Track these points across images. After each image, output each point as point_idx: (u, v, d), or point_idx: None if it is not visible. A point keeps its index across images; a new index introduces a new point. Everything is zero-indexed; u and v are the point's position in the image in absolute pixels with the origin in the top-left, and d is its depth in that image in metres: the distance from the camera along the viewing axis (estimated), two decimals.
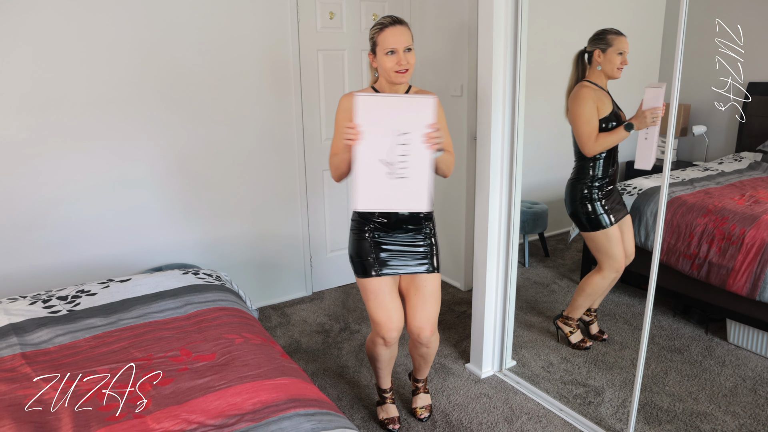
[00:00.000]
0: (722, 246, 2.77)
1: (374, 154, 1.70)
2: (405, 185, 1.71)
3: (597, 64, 2.49)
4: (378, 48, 1.92)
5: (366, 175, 1.70)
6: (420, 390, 2.45)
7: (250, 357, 1.58)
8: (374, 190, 1.71)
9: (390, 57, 1.89)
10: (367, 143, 1.69)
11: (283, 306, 3.51)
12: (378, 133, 1.69)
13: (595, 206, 2.61)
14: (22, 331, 1.72)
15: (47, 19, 2.57)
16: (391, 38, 1.88)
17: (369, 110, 1.68)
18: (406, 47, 1.89)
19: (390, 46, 1.88)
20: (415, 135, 1.69)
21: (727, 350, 2.82)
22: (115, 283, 2.09)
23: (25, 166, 2.65)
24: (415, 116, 1.69)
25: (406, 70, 1.91)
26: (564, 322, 2.89)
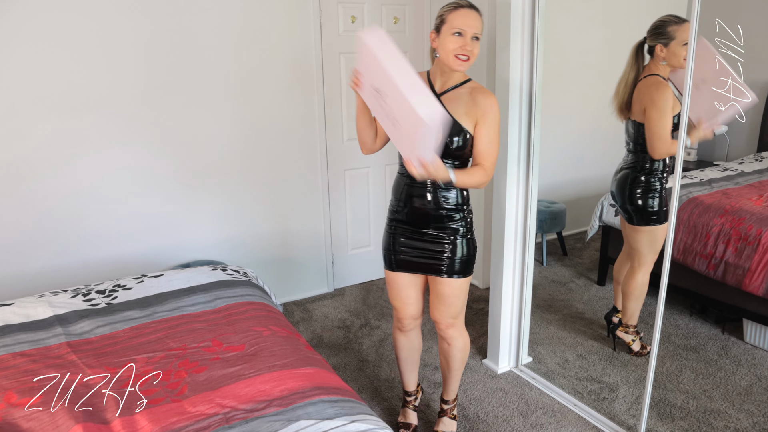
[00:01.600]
0: (738, 246, 2.80)
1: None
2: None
3: (660, 59, 2.38)
4: (445, 26, 1.80)
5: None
6: (446, 413, 2.35)
7: (277, 348, 1.69)
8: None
9: (455, 38, 1.78)
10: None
11: (305, 302, 3.62)
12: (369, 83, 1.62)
13: (660, 199, 2.53)
14: (66, 322, 1.85)
15: (71, 23, 2.70)
16: (463, 18, 1.78)
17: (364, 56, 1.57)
18: (475, 33, 1.80)
19: (459, 26, 1.77)
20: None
21: (744, 350, 2.84)
22: (148, 278, 2.22)
23: (64, 167, 2.79)
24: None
25: (468, 57, 1.80)
26: (625, 332, 2.84)
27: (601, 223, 3.34)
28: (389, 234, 2.08)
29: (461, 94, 1.91)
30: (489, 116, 1.88)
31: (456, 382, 2.30)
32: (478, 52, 1.84)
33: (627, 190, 2.64)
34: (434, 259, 2.01)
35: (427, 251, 2.01)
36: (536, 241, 4.00)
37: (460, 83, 1.93)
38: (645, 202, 2.61)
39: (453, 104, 1.89)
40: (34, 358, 1.62)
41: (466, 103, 1.89)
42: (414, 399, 2.42)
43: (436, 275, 2.03)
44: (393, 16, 3.56)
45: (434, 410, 2.52)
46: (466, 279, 2.04)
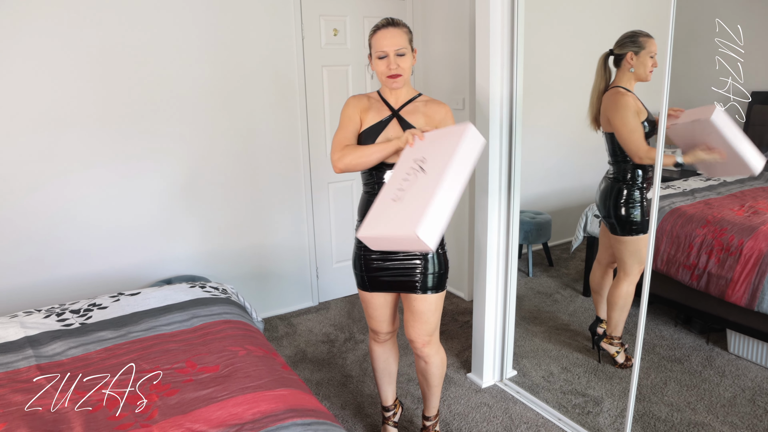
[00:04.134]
0: (721, 257, 2.80)
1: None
2: (402, 208, 1.60)
3: (629, 66, 2.44)
4: (372, 51, 1.89)
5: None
6: (428, 430, 2.33)
7: (252, 368, 1.66)
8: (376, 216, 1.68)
9: (381, 61, 1.85)
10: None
11: (289, 316, 3.59)
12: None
13: (641, 210, 2.56)
14: (38, 344, 1.81)
15: (58, 41, 2.68)
16: (383, 41, 1.83)
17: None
18: (398, 50, 1.84)
19: (381, 48, 1.83)
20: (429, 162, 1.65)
21: (728, 360, 2.84)
22: (125, 297, 2.18)
23: (39, 182, 2.75)
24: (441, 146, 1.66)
25: (398, 75, 1.86)
26: (609, 343, 2.83)
27: (585, 233, 3.35)
28: (359, 255, 2.06)
29: (417, 107, 1.99)
30: (447, 123, 1.97)
31: (436, 398, 2.28)
32: (408, 65, 1.89)
33: (610, 200, 2.66)
34: (407, 277, 1.99)
35: (400, 270, 2.00)
36: (522, 252, 4.00)
37: (413, 98, 2.00)
38: (627, 212, 2.62)
39: (412, 117, 1.96)
40: (1, 383, 1.59)
41: (424, 114, 1.96)
42: (393, 414, 2.39)
43: (410, 292, 2.02)
44: None
45: (417, 426, 2.49)
46: (440, 294, 2.03)
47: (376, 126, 1.97)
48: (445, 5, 3.47)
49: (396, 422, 2.41)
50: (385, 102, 2.00)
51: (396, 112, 1.98)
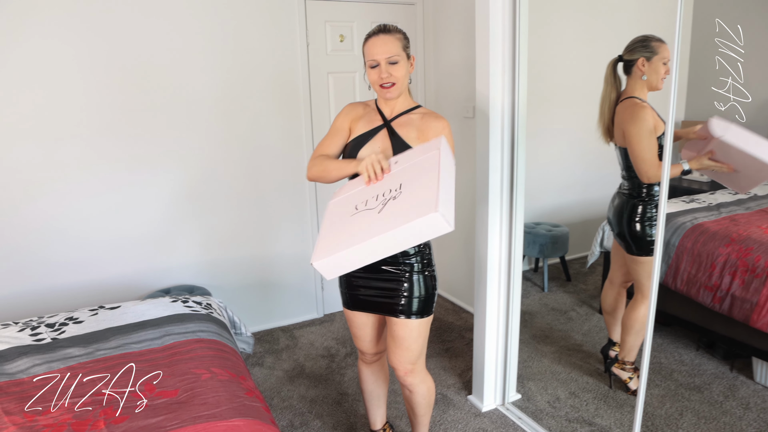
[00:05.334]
0: (746, 278, 2.58)
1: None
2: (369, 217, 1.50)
3: (641, 73, 2.26)
4: (365, 59, 1.77)
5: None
6: None
7: (211, 395, 1.57)
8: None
9: (373, 70, 1.75)
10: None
11: (292, 328, 3.51)
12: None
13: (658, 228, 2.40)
14: (3, 360, 1.77)
15: (58, 49, 2.67)
16: (373, 48, 1.73)
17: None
18: (390, 58, 1.72)
19: (372, 57, 1.73)
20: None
21: (753, 391, 2.62)
22: (104, 311, 2.13)
23: (38, 190, 2.75)
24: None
25: (392, 84, 1.76)
26: (621, 368, 2.65)
27: (602, 249, 3.15)
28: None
29: (412, 119, 1.85)
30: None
31: (424, 427, 2.15)
32: (402, 73, 1.77)
33: (624, 217, 2.49)
34: (390, 299, 1.87)
35: (383, 290, 1.88)
36: (538, 266, 3.82)
37: (410, 109, 1.87)
38: (643, 230, 2.44)
39: (404, 129, 1.83)
40: None
41: (418, 128, 1.82)
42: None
43: (392, 316, 1.89)
44: None
45: None
46: (425, 320, 1.89)
47: (364, 135, 1.86)
48: (457, 11, 3.34)
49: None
50: (379, 111, 1.89)
51: (387, 122, 1.86)
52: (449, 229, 1.41)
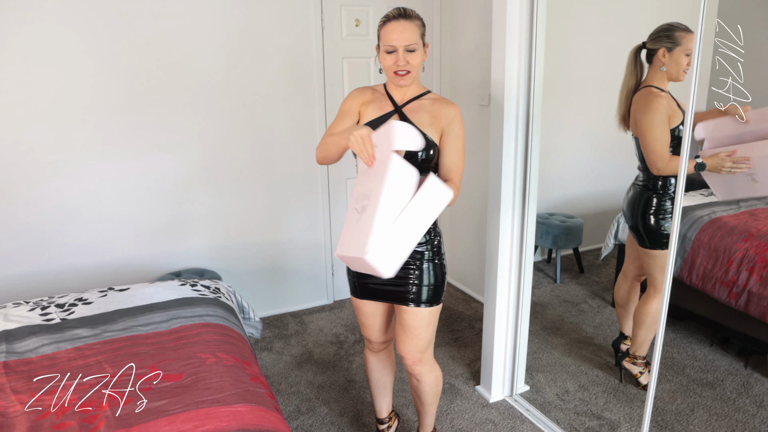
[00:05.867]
0: (764, 275, 2.52)
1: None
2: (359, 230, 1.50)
3: (661, 64, 2.20)
4: (380, 43, 1.73)
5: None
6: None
7: (215, 379, 1.57)
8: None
9: (388, 56, 1.71)
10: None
11: (302, 314, 3.51)
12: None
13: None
14: (13, 339, 1.79)
15: (69, 31, 2.67)
16: (392, 34, 1.68)
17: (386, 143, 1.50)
18: (408, 46, 1.69)
19: (389, 42, 1.68)
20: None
21: (767, 388, 2.57)
22: (113, 292, 2.15)
23: (51, 172, 2.77)
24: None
25: (407, 72, 1.73)
26: (632, 362, 2.62)
27: (616, 241, 3.10)
28: None
29: (423, 104, 1.82)
30: (455, 127, 1.79)
31: (431, 417, 2.14)
32: (418, 62, 1.73)
33: (638, 210, 2.44)
34: (400, 287, 1.85)
35: (393, 278, 1.85)
36: (551, 257, 3.78)
37: (421, 94, 1.84)
38: (657, 223, 2.39)
39: (416, 115, 1.80)
40: None
41: (430, 113, 1.79)
42: (387, 427, 2.27)
43: (402, 304, 1.87)
44: None
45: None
46: (434, 308, 1.87)
47: (375, 121, 1.83)
48: None
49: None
50: (389, 97, 1.86)
51: (399, 108, 1.83)
52: (385, 275, 1.46)
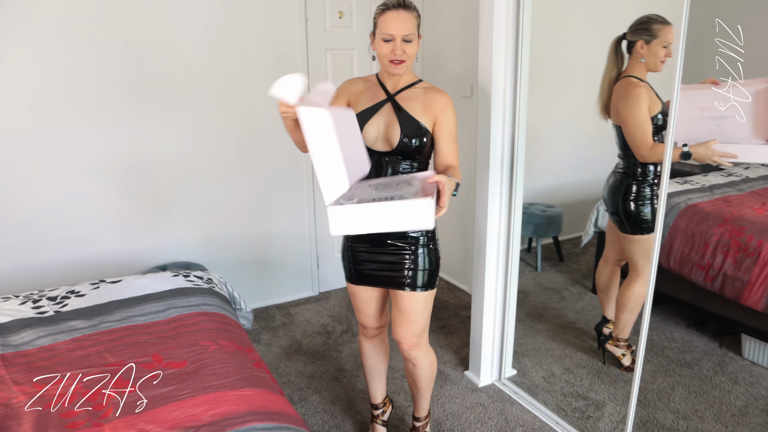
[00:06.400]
0: (738, 257, 2.64)
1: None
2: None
3: (639, 56, 2.28)
4: (377, 31, 1.76)
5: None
6: (418, 431, 2.26)
7: (219, 365, 1.58)
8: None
9: (386, 44, 1.74)
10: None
11: (288, 306, 3.52)
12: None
13: (652, 207, 2.44)
14: (7, 332, 1.76)
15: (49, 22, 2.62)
16: (391, 23, 1.71)
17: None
18: (406, 36, 1.73)
19: (388, 31, 1.72)
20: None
21: (741, 366, 2.68)
22: (105, 284, 2.13)
23: (35, 166, 2.71)
24: None
25: (402, 61, 1.76)
26: (615, 345, 2.71)
27: (596, 229, 3.19)
28: (348, 246, 1.97)
29: (416, 93, 1.87)
30: (448, 114, 1.85)
31: (426, 400, 2.18)
32: (414, 51, 1.78)
33: (618, 196, 2.52)
34: (396, 272, 1.89)
35: (388, 264, 1.89)
36: (531, 246, 3.86)
37: (413, 83, 1.89)
38: (637, 209, 2.47)
39: (410, 103, 1.84)
40: None
41: (423, 102, 1.84)
42: (382, 413, 2.31)
43: (398, 289, 1.91)
44: None
45: (408, 425, 2.40)
46: (430, 293, 1.91)
47: (368, 110, 1.86)
48: None
49: (385, 421, 2.33)
50: (382, 86, 1.89)
51: (391, 96, 1.86)
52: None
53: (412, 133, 1.81)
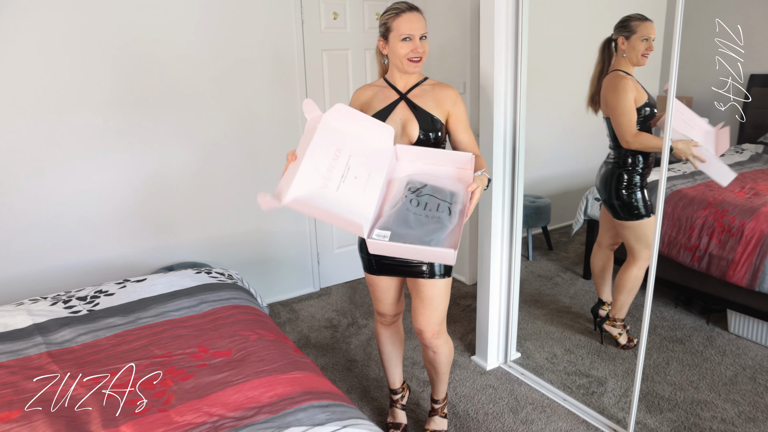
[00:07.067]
0: (722, 238, 2.82)
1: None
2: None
3: (621, 51, 2.48)
4: (392, 34, 1.87)
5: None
6: (436, 412, 2.34)
7: (264, 353, 1.65)
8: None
9: (405, 43, 1.85)
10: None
11: (291, 302, 3.59)
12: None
13: (641, 194, 2.60)
14: (46, 331, 1.80)
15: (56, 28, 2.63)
16: (408, 24, 1.84)
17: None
18: (422, 34, 1.87)
19: (406, 32, 1.84)
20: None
21: (728, 340, 2.87)
22: (131, 283, 2.17)
23: (39, 169, 2.72)
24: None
25: (420, 58, 1.89)
26: (612, 325, 2.86)
27: (586, 217, 3.36)
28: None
29: (425, 90, 1.99)
30: (459, 107, 1.98)
31: (444, 383, 2.29)
32: (428, 49, 1.91)
33: (611, 185, 2.67)
34: (414, 262, 1.98)
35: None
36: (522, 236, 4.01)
37: (421, 81, 2.01)
38: (629, 197, 2.63)
39: (422, 100, 1.96)
40: (13, 370, 1.57)
41: (433, 98, 1.97)
42: (401, 398, 2.41)
43: (419, 278, 2.01)
44: (375, 12, 3.53)
45: (424, 409, 2.51)
46: (447, 280, 2.02)
47: (383, 111, 1.96)
48: None
49: (404, 405, 2.43)
50: (392, 86, 1.99)
51: (404, 95, 1.97)
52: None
53: (429, 127, 1.92)
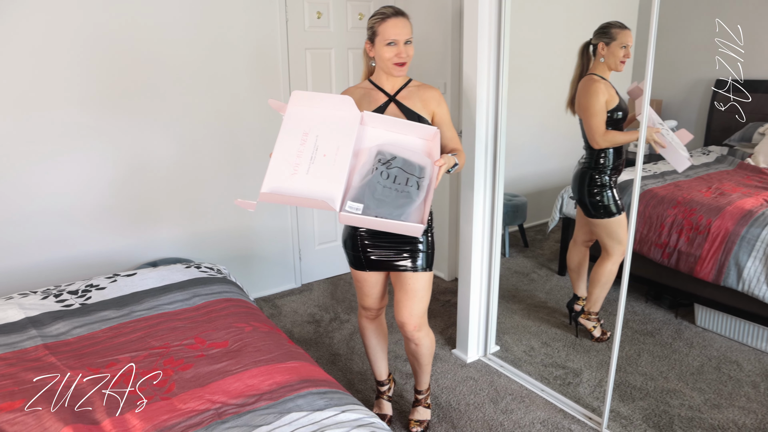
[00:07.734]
0: (690, 235, 2.97)
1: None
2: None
3: (600, 56, 2.59)
4: (378, 38, 1.94)
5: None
6: (420, 402, 2.41)
7: (260, 343, 1.70)
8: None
9: (390, 48, 1.92)
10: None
11: (273, 298, 3.62)
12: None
13: (611, 193, 2.72)
14: (40, 324, 1.81)
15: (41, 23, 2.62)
16: (393, 29, 1.91)
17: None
18: (407, 39, 1.93)
19: (391, 37, 1.91)
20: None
21: (695, 333, 3.02)
22: (121, 277, 2.18)
23: (20, 165, 2.70)
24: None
25: (404, 63, 1.95)
26: (587, 318, 2.98)
27: (561, 215, 3.48)
28: (352, 236, 2.11)
29: (411, 91, 2.07)
30: (443, 106, 2.07)
31: (427, 374, 2.37)
32: (412, 53, 1.99)
33: (583, 186, 2.80)
34: (401, 256, 2.06)
35: (393, 249, 2.06)
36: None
37: (407, 83, 2.09)
38: (600, 197, 2.75)
39: (409, 101, 2.04)
40: (11, 362, 1.59)
41: (419, 99, 2.05)
42: (387, 389, 2.47)
43: (403, 271, 2.08)
44: (358, 12, 3.58)
45: (408, 400, 2.58)
46: (430, 273, 2.11)
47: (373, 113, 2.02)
48: None
49: (390, 396, 2.49)
50: (379, 89, 2.06)
51: (392, 97, 2.03)
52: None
53: None
